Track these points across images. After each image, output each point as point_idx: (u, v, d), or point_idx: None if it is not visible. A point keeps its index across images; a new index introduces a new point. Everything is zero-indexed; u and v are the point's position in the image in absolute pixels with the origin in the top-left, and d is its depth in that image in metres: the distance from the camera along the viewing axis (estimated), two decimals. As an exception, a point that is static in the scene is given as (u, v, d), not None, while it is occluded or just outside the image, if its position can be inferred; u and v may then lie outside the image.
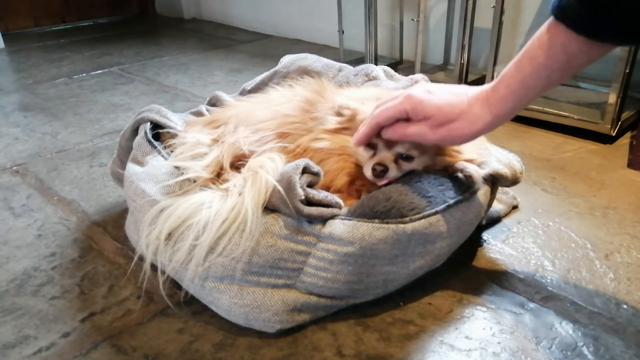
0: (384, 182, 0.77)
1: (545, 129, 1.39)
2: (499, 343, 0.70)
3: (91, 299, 0.81)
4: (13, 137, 1.45)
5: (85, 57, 2.34)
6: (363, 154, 0.78)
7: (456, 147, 0.79)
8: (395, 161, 0.77)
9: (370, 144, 0.77)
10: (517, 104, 0.62)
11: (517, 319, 0.74)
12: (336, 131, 0.82)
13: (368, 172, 0.77)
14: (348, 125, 0.81)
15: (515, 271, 0.84)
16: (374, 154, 0.77)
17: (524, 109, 1.38)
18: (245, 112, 0.90)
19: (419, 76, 1.09)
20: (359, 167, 0.80)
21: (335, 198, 0.74)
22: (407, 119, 0.69)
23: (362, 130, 0.74)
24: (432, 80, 0.93)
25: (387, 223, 0.70)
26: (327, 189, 0.78)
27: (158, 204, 0.76)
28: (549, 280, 0.82)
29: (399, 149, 0.76)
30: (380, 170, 0.76)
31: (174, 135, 0.91)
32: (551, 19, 0.57)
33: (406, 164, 0.78)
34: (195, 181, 0.79)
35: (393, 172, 0.77)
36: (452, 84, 0.70)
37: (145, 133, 0.91)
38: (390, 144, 0.76)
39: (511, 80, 0.61)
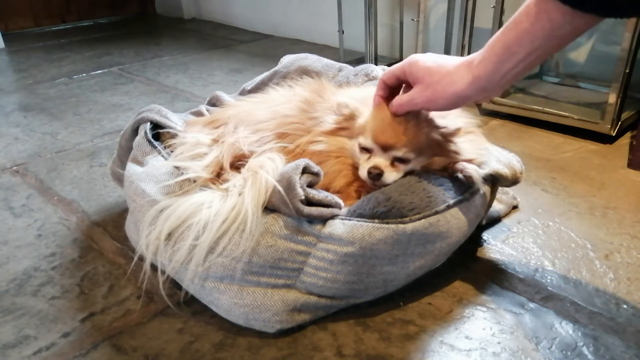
0: (381, 184, 0.77)
1: (545, 129, 1.39)
2: (499, 343, 0.70)
3: (91, 299, 0.81)
4: (13, 137, 1.45)
5: (85, 57, 2.34)
6: (359, 156, 0.78)
7: (454, 148, 0.78)
8: (392, 164, 0.77)
9: (366, 148, 0.77)
10: (498, 67, 0.62)
11: (517, 319, 0.74)
12: (333, 132, 0.82)
13: (364, 175, 0.77)
14: (346, 126, 0.81)
15: (515, 271, 0.84)
16: (370, 157, 0.77)
17: (522, 109, 1.39)
18: (245, 112, 0.90)
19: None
20: (356, 168, 0.80)
21: (335, 198, 0.74)
22: (407, 86, 0.73)
23: (375, 92, 0.77)
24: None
25: (387, 223, 0.70)
26: (326, 190, 0.78)
27: (158, 204, 0.76)
28: (549, 280, 0.82)
29: (395, 153, 0.76)
30: (376, 174, 0.76)
31: (174, 135, 0.91)
32: None
33: (403, 166, 0.78)
34: (195, 181, 0.79)
35: (390, 176, 0.77)
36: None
37: (145, 133, 0.91)
38: (386, 148, 0.76)
39: (495, 43, 0.62)
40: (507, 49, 0.61)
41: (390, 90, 0.76)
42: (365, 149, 0.78)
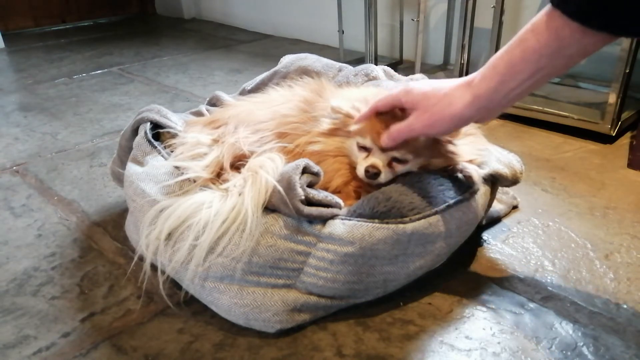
0: (377, 183, 0.77)
1: (545, 129, 1.39)
2: (499, 343, 0.70)
3: (91, 299, 0.81)
4: (13, 137, 1.45)
5: (85, 57, 2.34)
6: (357, 154, 0.79)
7: (452, 149, 0.78)
8: (389, 164, 0.77)
9: (364, 147, 0.77)
10: (499, 87, 0.60)
11: (517, 319, 0.74)
12: (331, 133, 0.82)
13: (361, 173, 0.77)
14: (342, 127, 0.81)
15: (515, 271, 0.84)
16: (368, 155, 0.77)
17: (522, 109, 1.39)
18: (245, 112, 0.90)
19: (418, 76, 1.09)
20: (354, 168, 0.80)
21: (335, 198, 0.74)
22: (402, 112, 0.72)
23: (363, 113, 0.76)
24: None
25: (387, 223, 0.70)
26: (324, 189, 0.78)
27: (158, 204, 0.76)
28: (549, 280, 0.82)
29: (394, 153, 0.76)
30: (373, 173, 0.76)
31: (174, 135, 0.91)
32: (548, 6, 0.56)
33: (400, 166, 0.78)
34: (195, 181, 0.79)
35: (386, 176, 0.77)
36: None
37: (145, 133, 0.91)
38: (384, 148, 0.76)
39: (498, 61, 0.60)
40: (511, 67, 0.58)
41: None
42: (363, 148, 0.78)
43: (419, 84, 0.69)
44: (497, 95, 0.61)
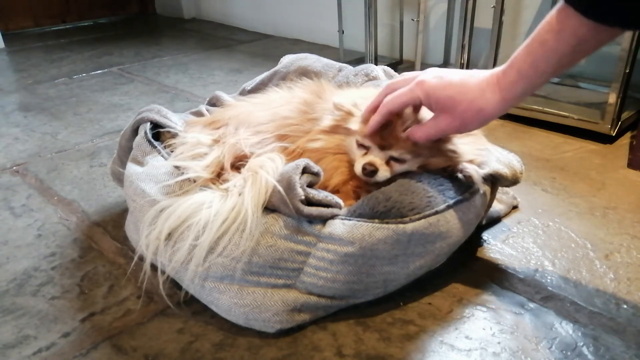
0: (374, 181, 0.77)
1: (545, 129, 1.39)
2: (499, 343, 0.70)
3: (91, 299, 0.81)
4: (13, 137, 1.45)
5: (85, 57, 2.34)
6: (356, 151, 0.79)
7: (453, 148, 0.78)
8: (387, 163, 0.77)
9: (363, 145, 0.77)
10: (527, 88, 0.63)
11: (517, 319, 0.74)
12: (332, 131, 0.82)
13: (358, 170, 0.77)
14: (343, 124, 0.81)
15: (515, 271, 0.84)
16: (366, 153, 0.77)
17: (522, 109, 1.39)
18: (245, 113, 0.90)
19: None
20: (353, 166, 0.80)
21: (335, 198, 0.74)
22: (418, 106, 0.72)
23: (374, 118, 0.73)
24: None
25: (387, 223, 0.70)
26: (324, 188, 0.78)
27: (158, 204, 0.76)
28: (549, 280, 0.82)
29: (392, 153, 0.76)
30: (370, 171, 0.76)
31: (174, 135, 0.91)
32: (561, 2, 0.57)
33: (398, 166, 0.78)
34: (195, 181, 0.79)
35: (383, 174, 0.77)
36: (461, 70, 0.71)
37: (145, 133, 0.91)
38: (383, 146, 0.76)
39: (522, 64, 0.62)
40: (534, 68, 0.61)
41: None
42: (362, 145, 0.78)
43: (438, 82, 0.67)
44: (524, 95, 0.64)
